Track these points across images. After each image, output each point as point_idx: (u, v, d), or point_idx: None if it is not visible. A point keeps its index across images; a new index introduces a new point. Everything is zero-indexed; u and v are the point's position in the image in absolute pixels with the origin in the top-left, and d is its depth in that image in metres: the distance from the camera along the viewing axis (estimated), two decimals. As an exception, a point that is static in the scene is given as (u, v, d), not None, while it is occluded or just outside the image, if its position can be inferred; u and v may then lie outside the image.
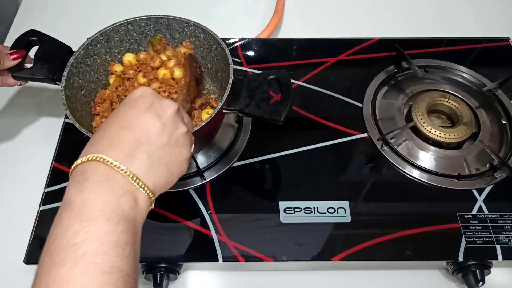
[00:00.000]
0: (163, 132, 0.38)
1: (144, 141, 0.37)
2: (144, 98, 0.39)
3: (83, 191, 0.33)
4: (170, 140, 0.39)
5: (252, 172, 0.64)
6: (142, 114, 0.38)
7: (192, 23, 0.63)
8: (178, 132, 0.40)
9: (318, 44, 0.79)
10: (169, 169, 0.39)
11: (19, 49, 0.57)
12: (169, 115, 0.39)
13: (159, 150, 0.38)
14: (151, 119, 0.38)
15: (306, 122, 0.69)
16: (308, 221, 0.59)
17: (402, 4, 0.90)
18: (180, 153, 0.40)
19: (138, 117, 0.38)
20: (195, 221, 0.59)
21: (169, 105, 0.40)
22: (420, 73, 0.69)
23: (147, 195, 0.36)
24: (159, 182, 0.38)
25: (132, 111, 0.38)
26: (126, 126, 0.37)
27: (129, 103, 0.39)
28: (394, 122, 0.68)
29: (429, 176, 0.63)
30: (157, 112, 0.39)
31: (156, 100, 0.39)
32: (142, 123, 0.38)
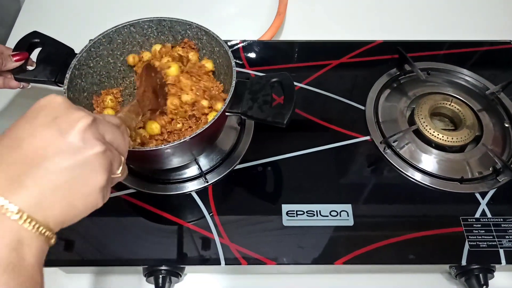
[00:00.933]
0: (65, 152, 0.30)
1: (36, 164, 0.29)
2: (49, 109, 0.31)
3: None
4: (75, 162, 0.30)
5: (255, 175, 0.64)
6: (39, 129, 0.30)
7: (195, 25, 0.62)
8: (88, 153, 0.31)
9: (320, 47, 0.79)
10: (71, 201, 0.30)
11: (21, 51, 0.57)
12: (77, 131, 0.30)
13: (57, 176, 0.29)
14: (50, 135, 0.30)
15: (308, 124, 0.69)
16: (310, 224, 0.59)
17: (405, 6, 0.90)
18: (89, 180, 0.31)
19: (33, 133, 0.30)
20: (197, 223, 0.59)
21: (79, 118, 0.31)
22: (423, 76, 0.69)
23: (37, 232, 0.28)
24: (58, 216, 0.30)
25: (26, 126, 0.30)
26: (15, 145, 0.29)
27: (27, 115, 0.31)
28: (397, 125, 0.68)
29: (432, 179, 0.63)
30: (61, 127, 0.30)
31: (63, 112, 0.31)
32: (37, 141, 0.29)
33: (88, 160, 0.31)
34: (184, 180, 0.63)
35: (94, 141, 0.31)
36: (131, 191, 0.62)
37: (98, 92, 0.63)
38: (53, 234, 0.30)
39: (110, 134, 0.34)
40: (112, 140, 0.34)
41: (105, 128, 0.34)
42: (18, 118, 0.32)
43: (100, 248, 0.57)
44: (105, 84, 0.64)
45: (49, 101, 0.32)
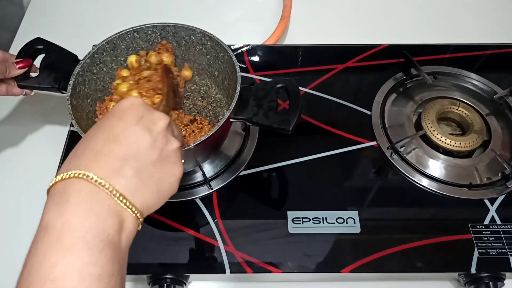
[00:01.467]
0: (153, 147, 0.34)
1: (132, 156, 0.33)
2: (134, 109, 0.36)
3: (63, 215, 0.29)
4: (161, 156, 0.35)
5: (260, 181, 0.63)
6: (131, 126, 0.34)
7: (199, 31, 0.62)
8: (169, 148, 0.36)
9: (325, 51, 0.79)
10: (159, 189, 0.35)
11: (25, 58, 0.57)
12: (160, 129, 0.36)
13: (149, 167, 0.34)
14: (140, 132, 0.34)
15: (314, 130, 0.68)
16: (316, 231, 0.58)
17: (411, 9, 0.89)
18: (172, 171, 0.36)
19: (126, 129, 0.34)
20: (201, 231, 0.58)
21: (160, 118, 0.36)
22: (430, 80, 0.68)
23: (135, 217, 0.32)
24: (148, 203, 0.34)
25: (119, 123, 0.34)
26: (113, 139, 0.33)
27: (117, 113, 0.35)
28: (404, 130, 0.67)
29: (440, 185, 0.62)
30: (147, 125, 0.35)
31: (146, 112, 0.36)
32: (131, 137, 0.34)
33: (169, 154, 0.36)
34: (189, 186, 0.62)
35: (173, 138, 0.37)
36: (135, 198, 0.61)
37: (101, 99, 0.62)
38: (142, 220, 0.34)
39: (176, 131, 0.40)
40: (178, 136, 0.40)
41: (174, 127, 0.39)
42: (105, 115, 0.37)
43: (104, 256, 0.56)
44: (108, 90, 0.63)
45: (132, 103, 0.36)
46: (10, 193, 0.67)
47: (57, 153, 0.65)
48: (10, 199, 0.66)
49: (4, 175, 0.68)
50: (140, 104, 0.36)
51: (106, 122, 0.35)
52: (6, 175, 0.68)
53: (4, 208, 0.65)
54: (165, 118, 0.37)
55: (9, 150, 0.71)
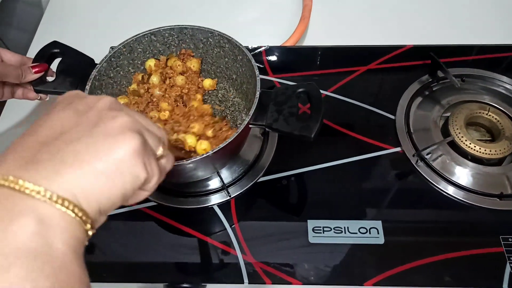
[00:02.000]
0: (80, 124, 0.27)
1: (51, 140, 0.26)
2: (65, 99, 0.30)
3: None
4: (94, 131, 0.27)
5: (279, 188, 0.61)
6: (56, 114, 0.29)
7: (217, 33, 0.60)
8: (110, 120, 0.28)
9: (347, 52, 0.76)
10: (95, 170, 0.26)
11: (41, 62, 0.56)
12: (97, 108, 0.29)
13: (74, 145, 0.26)
14: (65, 116, 0.28)
15: (335, 135, 0.66)
16: (338, 241, 0.56)
17: (436, 8, 0.85)
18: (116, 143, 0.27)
19: (49, 118, 0.28)
20: (219, 239, 0.57)
21: (98, 99, 0.30)
22: (458, 84, 0.65)
23: (61, 209, 0.24)
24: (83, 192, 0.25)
25: (44, 116, 0.29)
26: (32, 132, 0.27)
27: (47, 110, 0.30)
28: (430, 135, 0.64)
29: (468, 194, 0.59)
30: (78, 108, 0.29)
31: (77, 99, 0.30)
32: (52, 121, 0.28)
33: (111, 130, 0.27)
34: (206, 193, 0.61)
35: (114, 112, 0.29)
36: (151, 204, 0.60)
37: (118, 103, 0.61)
38: (87, 217, 0.25)
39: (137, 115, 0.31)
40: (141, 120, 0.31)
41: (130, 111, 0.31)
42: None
43: (120, 264, 0.55)
44: (125, 94, 0.62)
45: (65, 95, 0.31)
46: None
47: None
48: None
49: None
50: (75, 94, 0.31)
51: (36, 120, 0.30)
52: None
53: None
54: (105, 98, 0.30)
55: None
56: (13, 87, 0.55)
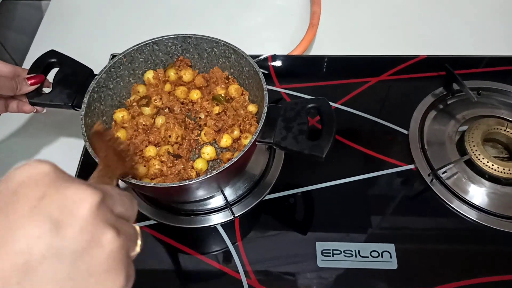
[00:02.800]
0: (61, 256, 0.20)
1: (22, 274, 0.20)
2: (30, 187, 0.21)
3: None
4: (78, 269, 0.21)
5: (286, 207, 0.58)
6: (23, 222, 0.20)
7: (223, 43, 0.57)
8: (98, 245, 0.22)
9: (357, 62, 0.73)
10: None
11: (37, 73, 0.53)
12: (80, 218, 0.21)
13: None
14: (40, 231, 0.20)
15: (345, 150, 0.63)
16: (348, 266, 0.53)
17: (451, 17, 0.81)
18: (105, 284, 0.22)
19: (11, 231, 0.20)
20: (222, 262, 0.54)
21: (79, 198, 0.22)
22: (474, 98, 0.62)
23: None
24: None
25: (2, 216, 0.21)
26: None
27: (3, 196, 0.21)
28: (444, 152, 0.61)
29: (486, 216, 0.56)
30: (52, 214, 0.21)
31: (51, 190, 0.21)
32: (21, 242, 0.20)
33: (99, 260, 0.22)
34: (209, 211, 0.58)
35: (104, 230, 0.22)
36: (151, 223, 0.57)
37: (118, 115, 0.58)
38: None
39: (119, 204, 0.25)
40: (123, 212, 0.26)
41: (114, 200, 0.25)
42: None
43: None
44: (125, 106, 0.59)
45: (29, 174, 0.22)
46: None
47: (72, 167, 0.62)
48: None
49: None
50: (43, 174, 0.22)
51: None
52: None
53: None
54: (91, 197, 0.22)
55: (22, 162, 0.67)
56: (6, 100, 0.52)
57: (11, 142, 0.69)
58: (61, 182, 0.22)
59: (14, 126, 0.71)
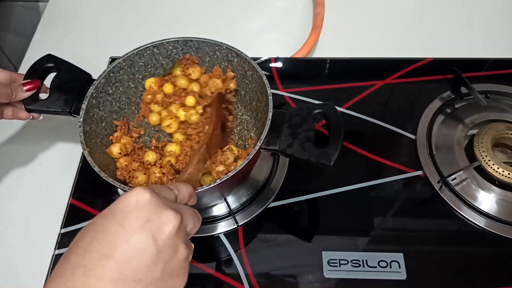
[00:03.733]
0: (156, 263, 0.29)
1: (130, 277, 0.28)
2: (140, 210, 0.30)
3: None
4: (164, 271, 0.30)
5: (291, 215, 0.57)
6: (134, 235, 0.29)
7: (225, 46, 0.56)
8: (175, 260, 0.31)
9: (362, 65, 0.71)
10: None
11: (33, 78, 0.51)
12: (167, 236, 0.30)
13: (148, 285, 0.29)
14: (144, 243, 0.29)
15: (351, 156, 0.61)
16: (356, 276, 0.51)
17: (458, 19, 0.79)
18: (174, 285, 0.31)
19: (127, 240, 0.29)
20: (226, 272, 0.52)
21: (169, 221, 0.30)
22: (484, 102, 0.60)
23: None
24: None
25: (120, 230, 0.29)
26: (109, 252, 0.28)
27: (118, 214, 0.30)
28: (453, 157, 0.60)
29: (496, 224, 0.54)
30: (153, 232, 0.30)
31: (154, 215, 0.30)
32: (131, 250, 0.28)
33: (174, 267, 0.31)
34: (211, 220, 0.56)
35: (181, 246, 0.31)
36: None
37: (118, 120, 0.56)
38: None
39: (191, 223, 0.34)
40: (192, 231, 0.34)
41: (188, 222, 0.33)
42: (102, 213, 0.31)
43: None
44: (125, 111, 0.58)
45: (137, 200, 0.30)
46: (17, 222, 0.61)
47: (70, 173, 0.61)
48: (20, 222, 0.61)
49: (13, 197, 0.63)
50: (147, 201, 0.30)
51: (104, 225, 0.29)
52: (15, 197, 0.63)
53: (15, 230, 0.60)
54: (175, 220, 0.31)
55: (18, 170, 0.65)
56: (1, 106, 0.51)
57: (6, 148, 0.67)
58: (159, 208, 0.30)
59: (10, 131, 0.69)
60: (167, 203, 0.32)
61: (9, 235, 0.59)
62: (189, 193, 0.37)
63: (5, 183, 0.63)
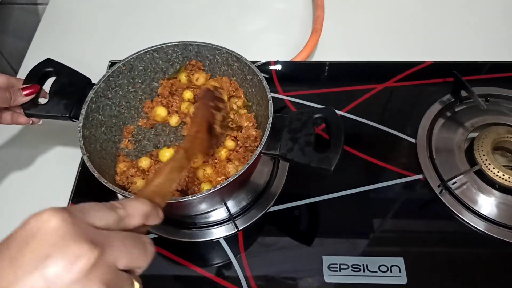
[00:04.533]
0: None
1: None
2: (39, 242, 0.23)
3: None
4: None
5: (291, 220, 0.56)
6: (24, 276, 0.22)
7: (225, 51, 0.55)
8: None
9: (362, 68, 0.71)
10: None
11: (33, 83, 0.51)
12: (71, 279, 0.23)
13: None
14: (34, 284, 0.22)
15: (351, 160, 0.61)
16: (356, 281, 0.51)
17: (458, 22, 0.79)
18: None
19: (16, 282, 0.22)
20: (226, 277, 0.52)
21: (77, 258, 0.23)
22: (484, 106, 0.60)
23: None
24: None
25: (9, 268, 0.23)
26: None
27: (13, 246, 0.24)
28: (453, 161, 0.60)
29: (496, 228, 0.54)
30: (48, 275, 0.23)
31: (56, 249, 0.23)
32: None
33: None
34: (211, 224, 0.56)
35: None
36: (151, 237, 0.55)
37: (117, 125, 0.56)
38: None
39: (126, 259, 0.26)
40: (129, 265, 0.26)
41: (119, 255, 0.25)
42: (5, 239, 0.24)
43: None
44: (125, 115, 0.57)
45: (39, 227, 0.24)
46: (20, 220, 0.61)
47: (70, 177, 0.61)
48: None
49: (13, 202, 0.62)
50: (52, 230, 0.23)
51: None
52: (15, 202, 0.62)
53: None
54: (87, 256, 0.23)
55: (17, 174, 0.65)
56: (1, 111, 0.50)
57: (5, 152, 0.67)
58: (66, 240, 0.23)
59: (8, 135, 0.69)
60: (85, 232, 0.24)
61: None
62: (143, 213, 0.29)
63: (5, 187, 0.63)
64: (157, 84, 0.59)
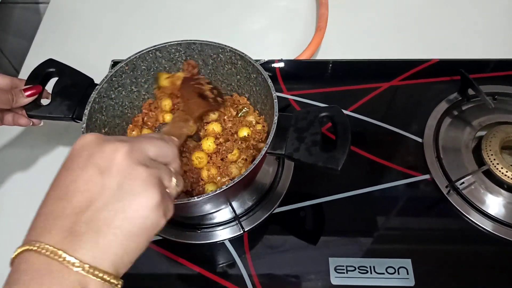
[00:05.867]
0: (105, 188, 0.28)
1: (84, 208, 0.28)
2: (83, 150, 0.30)
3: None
4: (117, 193, 0.28)
5: (297, 221, 0.56)
6: (79, 172, 0.29)
7: (229, 49, 0.55)
8: (129, 178, 0.29)
9: (367, 67, 0.70)
10: (129, 231, 0.28)
11: (35, 83, 0.50)
12: (117, 164, 0.29)
13: (103, 213, 0.28)
14: (90, 176, 0.29)
15: (357, 160, 0.60)
16: (363, 283, 0.50)
17: (465, 19, 0.78)
18: (138, 203, 0.29)
19: (75, 179, 0.29)
20: (231, 280, 0.51)
21: (114, 150, 0.30)
22: (492, 104, 0.59)
23: (103, 281, 0.27)
24: (119, 254, 0.28)
25: (68, 174, 0.29)
26: (62, 195, 0.29)
27: (66, 162, 0.30)
28: (461, 160, 0.59)
29: (505, 229, 0.53)
30: (98, 163, 0.29)
31: (96, 149, 0.30)
32: (80, 185, 0.28)
33: (131, 185, 0.29)
34: (216, 225, 0.55)
35: (136, 167, 0.30)
36: (156, 238, 0.54)
37: (120, 125, 0.56)
38: (118, 279, 0.28)
39: (153, 148, 0.32)
40: (157, 153, 0.33)
41: (145, 146, 0.32)
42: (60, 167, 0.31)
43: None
44: (128, 115, 0.57)
45: (81, 143, 0.31)
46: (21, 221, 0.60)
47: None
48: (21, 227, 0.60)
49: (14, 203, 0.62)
50: (90, 141, 0.30)
51: (57, 175, 0.30)
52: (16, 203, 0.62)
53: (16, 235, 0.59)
54: (122, 148, 0.30)
55: (18, 175, 0.64)
56: (2, 112, 0.50)
57: (6, 153, 0.66)
58: (101, 142, 0.30)
59: (10, 136, 0.68)
60: (116, 137, 0.31)
61: (10, 240, 0.58)
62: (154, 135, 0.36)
63: (6, 188, 0.63)
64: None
